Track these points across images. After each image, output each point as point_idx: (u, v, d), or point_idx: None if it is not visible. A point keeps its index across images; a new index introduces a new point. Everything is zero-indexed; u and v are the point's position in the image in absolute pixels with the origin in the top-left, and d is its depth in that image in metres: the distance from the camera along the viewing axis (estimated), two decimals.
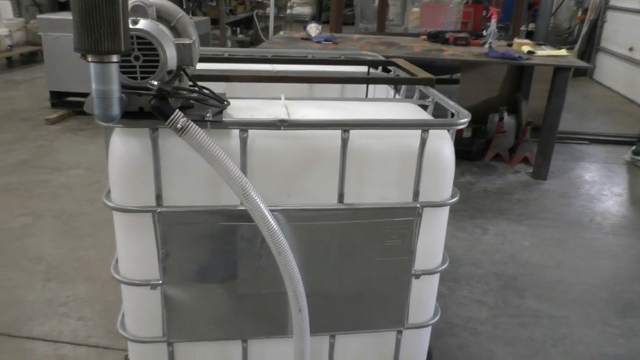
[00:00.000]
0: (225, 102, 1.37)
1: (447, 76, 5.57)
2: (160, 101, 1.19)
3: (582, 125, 5.79)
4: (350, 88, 2.01)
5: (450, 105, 1.52)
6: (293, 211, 1.38)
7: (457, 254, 3.05)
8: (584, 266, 3.00)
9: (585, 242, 3.29)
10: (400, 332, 1.57)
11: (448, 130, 1.45)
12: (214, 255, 1.41)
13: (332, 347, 1.56)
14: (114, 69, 1.11)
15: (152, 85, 1.18)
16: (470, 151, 4.56)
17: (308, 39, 4.52)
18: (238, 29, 9.49)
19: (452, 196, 1.50)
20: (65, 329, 2.29)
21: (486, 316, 2.49)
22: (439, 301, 1.66)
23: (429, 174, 1.42)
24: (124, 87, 1.19)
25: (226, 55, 2.10)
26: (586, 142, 5.26)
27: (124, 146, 1.31)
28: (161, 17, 1.28)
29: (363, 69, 2.07)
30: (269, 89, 1.74)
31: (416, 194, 1.42)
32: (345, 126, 1.31)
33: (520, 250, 3.14)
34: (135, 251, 1.41)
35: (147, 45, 1.19)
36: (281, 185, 1.39)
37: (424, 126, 1.34)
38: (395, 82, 1.82)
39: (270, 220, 1.26)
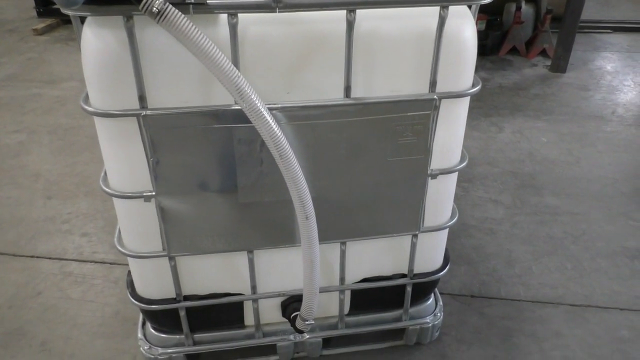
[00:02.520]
0: None
1: None
2: None
3: (604, 12, 5.40)
4: None
5: None
6: (294, 109, 1.22)
7: (471, 153, 2.91)
8: (605, 161, 2.86)
9: (606, 136, 3.13)
10: (415, 236, 1.47)
11: (470, 7, 1.25)
12: (209, 162, 1.27)
13: (343, 254, 1.47)
14: None
15: None
16: (484, 45, 4.28)
17: None
18: None
19: (474, 85, 1.32)
20: (70, 246, 2.24)
21: (503, 216, 2.39)
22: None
23: (448, 59, 1.24)
24: None
25: None
26: (609, 30, 4.92)
27: (97, 39, 1.13)
28: None
29: None
30: None
31: (433, 83, 1.25)
32: (351, 5, 1.12)
33: (538, 147, 2.99)
34: (123, 161, 1.28)
35: None
36: (280, 79, 1.22)
37: (442, 1, 1.14)
38: None
39: (270, 120, 1.11)
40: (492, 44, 4.31)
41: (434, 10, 1.16)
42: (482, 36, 4.26)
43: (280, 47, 1.18)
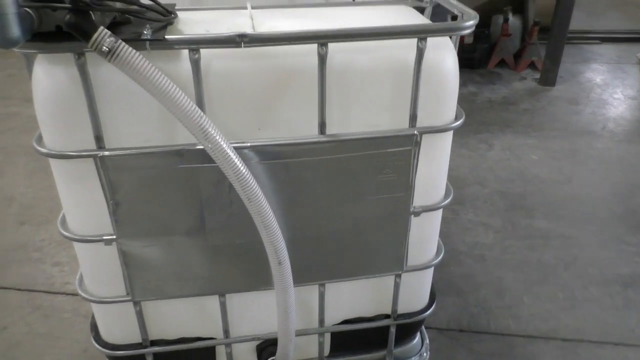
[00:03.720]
0: (171, 15, 1.09)
1: None
2: (77, 17, 0.91)
3: (591, 22, 5.37)
4: None
5: (453, 4, 1.23)
6: (266, 147, 1.14)
7: (460, 173, 2.84)
8: (597, 179, 2.80)
9: (597, 153, 3.07)
10: (399, 276, 1.39)
11: (450, 37, 1.18)
12: (174, 204, 1.18)
13: (322, 296, 1.38)
14: None
15: None
16: (472, 59, 4.23)
17: None
18: None
19: (457, 118, 1.25)
20: (40, 276, 2.14)
21: (493, 240, 2.32)
22: (443, 226, 1.45)
23: (429, 92, 1.16)
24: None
25: None
26: (597, 41, 4.89)
27: (48, 77, 1.05)
28: None
29: None
30: None
31: (413, 118, 1.17)
32: (322, 38, 1.04)
33: (528, 165, 2.92)
34: (81, 203, 1.19)
35: None
36: (250, 115, 1.13)
37: (420, 33, 1.06)
38: None
39: (236, 160, 1.03)
40: (480, 57, 4.26)
41: (412, 41, 1.08)
42: (470, 49, 4.21)
43: (249, 82, 1.10)
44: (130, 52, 0.92)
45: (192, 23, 1.17)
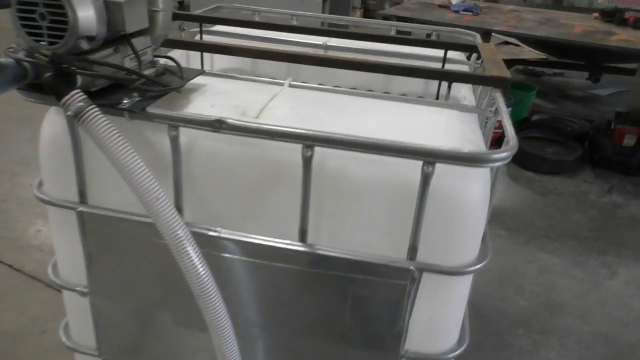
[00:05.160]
0: (175, 85, 1.05)
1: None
2: (55, 77, 0.90)
3: None
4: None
5: (507, 126, 1.00)
6: (237, 242, 1.02)
7: (562, 297, 2.40)
8: None
9: None
10: None
11: None
12: (142, 273, 1.12)
13: None
14: None
15: (45, 53, 0.89)
16: (628, 164, 3.64)
17: (447, 6, 3.92)
18: None
19: (479, 260, 1.00)
20: None
21: None
22: (515, 353, 1.13)
23: (439, 224, 0.95)
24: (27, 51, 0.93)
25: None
26: None
27: (49, 123, 1.08)
28: None
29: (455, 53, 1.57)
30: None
31: (413, 249, 0.96)
32: (307, 140, 0.90)
33: None
34: (66, 251, 1.18)
35: (54, 1, 0.90)
36: (235, 203, 1.04)
37: (426, 156, 0.87)
38: (446, 78, 1.31)
39: (189, 249, 0.93)
40: (638, 164, 3.65)
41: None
42: (628, 152, 3.64)
43: (236, 168, 1.01)
44: (97, 119, 0.89)
45: (208, 93, 1.12)
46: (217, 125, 0.92)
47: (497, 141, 1.15)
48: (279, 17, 1.87)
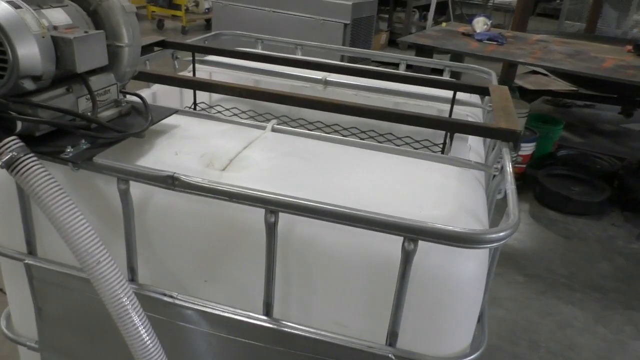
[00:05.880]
0: (123, 132, 0.92)
1: None
2: None
3: None
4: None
5: (509, 194, 0.84)
6: (198, 311, 0.89)
7: (582, 358, 2.19)
8: None
9: None
10: None
11: None
12: (92, 334, 1.00)
13: None
14: None
15: None
16: None
17: (471, 34, 3.77)
18: (427, 13, 8.74)
19: (472, 349, 0.85)
20: None
21: None
22: None
23: (425, 307, 0.81)
24: None
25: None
26: None
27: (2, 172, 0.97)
28: None
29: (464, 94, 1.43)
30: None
31: (392, 334, 0.82)
32: (270, 204, 0.77)
33: None
34: (18, 302, 1.08)
35: None
36: (195, 264, 0.91)
37: (407, 232, 0.73)
38: (446, 128, 1.16)
39: (135, 317, 0.81)
40: None
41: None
42: None
43: (193, 226, 0.89)
44: (31, 172, 0.78)
45: (176, 137, 1.01)
46: (170, 182, 0.80)
47: (521, 177, 1.00)
48: (283, 45, 1.77)
